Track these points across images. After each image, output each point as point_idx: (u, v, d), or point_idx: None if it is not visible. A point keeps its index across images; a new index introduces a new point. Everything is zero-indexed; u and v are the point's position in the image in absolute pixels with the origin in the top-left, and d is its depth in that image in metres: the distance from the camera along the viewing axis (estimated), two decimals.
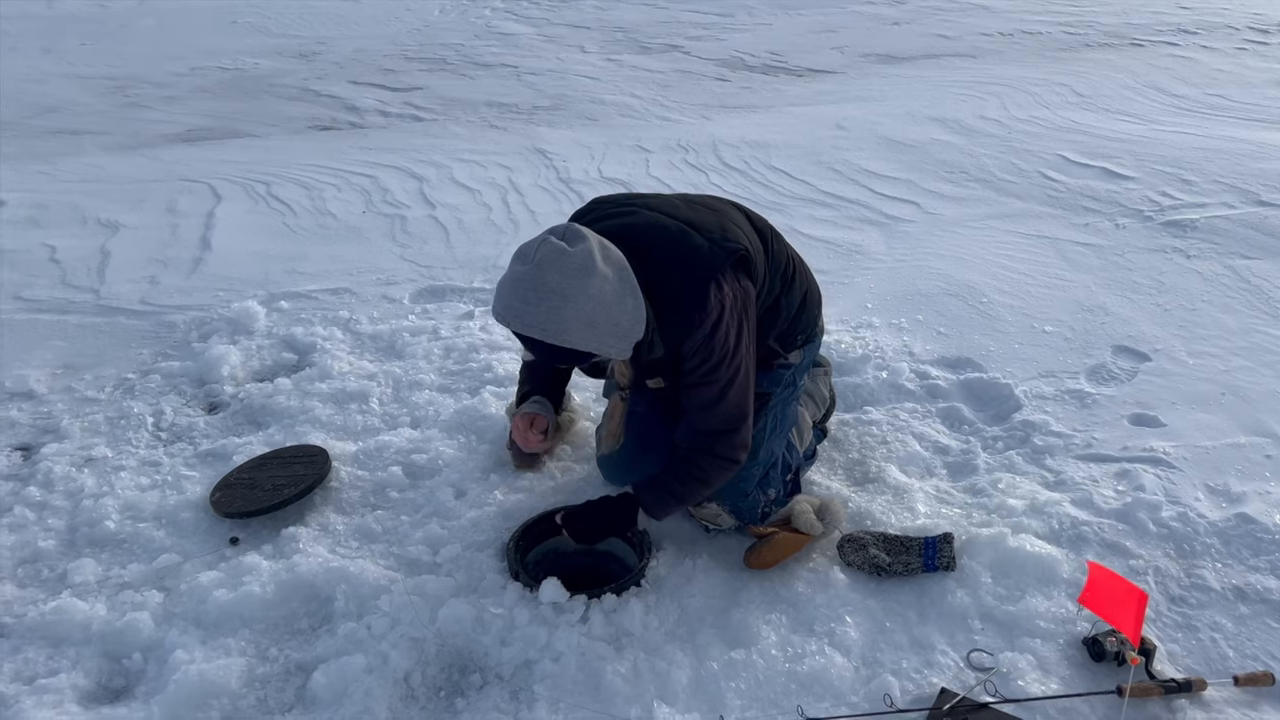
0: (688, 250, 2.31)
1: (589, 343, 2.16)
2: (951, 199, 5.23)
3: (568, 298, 2.10)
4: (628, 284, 2.20)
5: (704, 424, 2.43)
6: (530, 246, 2.14)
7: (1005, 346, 3.62)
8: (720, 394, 2.37)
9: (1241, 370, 3.43)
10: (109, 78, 8.73)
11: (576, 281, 2.10)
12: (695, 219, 2.40)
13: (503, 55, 9.32)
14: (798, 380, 2.77)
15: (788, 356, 2.70)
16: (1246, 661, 2.26)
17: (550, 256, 2.11)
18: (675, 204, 2.48)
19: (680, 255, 2.31)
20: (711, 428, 2.43)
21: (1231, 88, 7.28)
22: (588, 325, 2.13)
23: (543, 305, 2.10)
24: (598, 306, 2.13)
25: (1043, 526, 2.66)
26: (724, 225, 2.42)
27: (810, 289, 2.73)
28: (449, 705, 2.21)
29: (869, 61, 8.67)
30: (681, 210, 2.43)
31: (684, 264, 2.30)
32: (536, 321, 2.11)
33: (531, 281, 2.10)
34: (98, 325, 4.05)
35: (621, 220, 2.38)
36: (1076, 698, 2.14)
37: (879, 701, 2.13)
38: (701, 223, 2.39)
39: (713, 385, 2.36)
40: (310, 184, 5.78)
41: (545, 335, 2.12)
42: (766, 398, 2.64)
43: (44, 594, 2.56)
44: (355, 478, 2.98)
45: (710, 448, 2.45)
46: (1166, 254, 4.43)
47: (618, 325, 2.18)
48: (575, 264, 2.11)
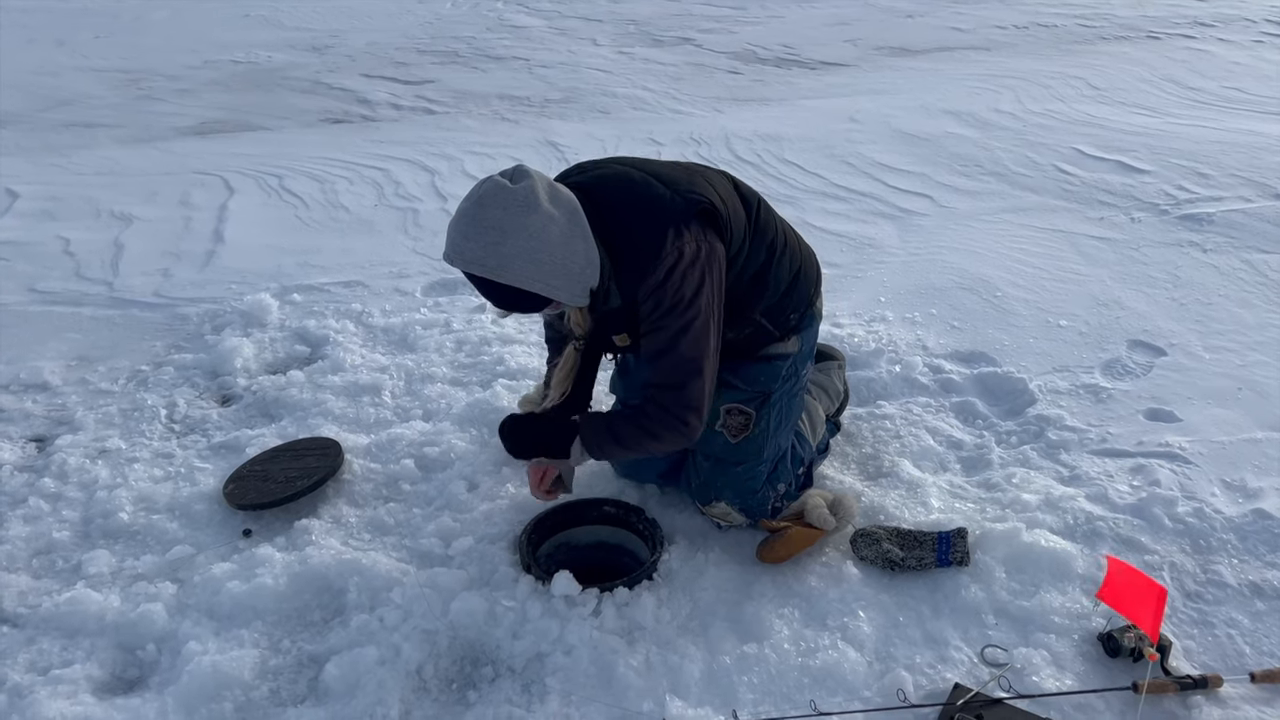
0: (648, 199, 2.28)
1: (533, 282, 2.12)
2: (965, 192, 5.21)
3: (506, 233, 2.07)
4: (578, 227, 2.17)
5: (654, 375, 2.35)
6: (476, 187, 2.13)
7: (1019, 341, 3.60)
8: (671, 341, 2.28)
9: (1258, 365, 3.40)
10: (122, 71, 8.76)
11: (517, 218, 2.07)
12: (664, 173, 2.36)
13: (514, 48, 9.31)
14: (799, 371, 2.69)
15: (785, 341, 2.62)
16: (1263, 658, 2.24)
17: (491, 192, 2.08)
18: (651, 162, 2.45)
19: (639, 203, 2.28)
20: (660, 380, 2.35)
21: (1248, 81, 7.22)
22: (530, 262, 2.10)
23: (481, 239, 2.07)
24: (540, 244, 2.09)
25: (1057, 522, 2.64)
26: (692, 180, 2.36)
27: (804, 266, 2.63)
28: (461, 697, 2.21)
29: (882, 54, 8.64)
30: (655, 165, 2.41)
31: (642, 211, 2.26)
32: (475, 256, 2.09)
33: (472, 217, 2.09)
34: (111, 318, 4.07)
35: (592, 174, 2.36)
36: (1091, 694, 2.12)
37: (892, 696, 2.12)
38: (669, 176, 2.35)
39: (663, 332, 2.29)
40: (322, 177, 5.78)
41: (485, 271, 2.10)
42: (767, 395, 2.59)
43: (58, 585, 2.57)
44: (368, 470, 2.98)
45: (656, 398, 2.36)
46: (1182, 248, 4.39)
47: (565, 267, 2.14)
48: (517, 200, 2.08)
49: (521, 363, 3.51)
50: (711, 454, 2.60)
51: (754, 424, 2.58)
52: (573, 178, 2.37)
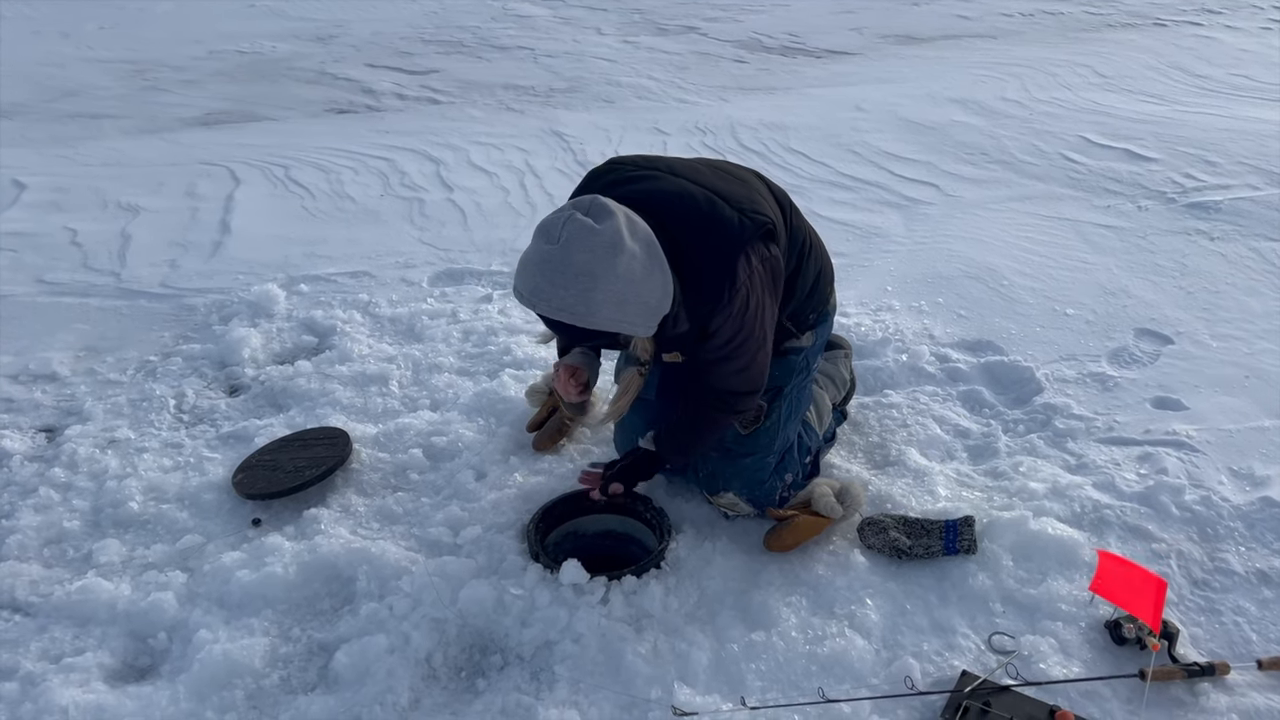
0: (717, 221, 2.21)
1: (618, 323, 2.07)
2: (972, 181, 5.20)
3: (597, 279, 2.00)
4: (655, 259, 2.10)
5: (727, 385, 2.41)
6: (555, 224, 2.03)
7: (1026, 329, 3.60)
8: (747, 365, 2.35)
9: (1266, 353, 3.40)
10: (128, 61, 8.75)
11: (606, 261, 2.00)
12: (723, 188, 2.30)
13: (519, 37, 9.30)
14: (810, 364, 2.73)
15: (800, 337, 2.64)
16: (1270, 645, 2.25)
17: (578, 235, 2.00)
18: (699, 169, 2.39)
19: (709, 226, 2.21)
20: (735, 388, 2.42)
21: (1256, 68, 7.19)
22: (618, 305, 2.04)
23: (572, 288, 2.00)
24: (627, 285, 2.03)
25: (1064, 510, 2.65)
26: (752, 196, 2.33)
27: (824, 266, 2.65)
28: (470, 685, 2.22)
29: (888, 43, 8.61)
30: (707, 176, 2.34)
31: (713, 235, 2.20)
32: (566, 304, 2.02)
33: (559, 262, 2.00)
34: (119, 308, 4.08)
35: (645, 185, 2.27)
36: (1098, 681, 2.13)
37: (900, 684, 2.13)
38: (730, 193, 2.29)
39: (739, 358, 2.33)
40: (328, 167, 5.79)
41: (574, 318, 2.03)
42: (780, 388, 2.61)
43: (70, 574, 2.59)
44: (376, 460, 2.99)
45: (732, 403, 2.45)
46: (1190, 236, 4.38)
47: (646, 303, 2.09)
48: (604, 242, 2.00)
49: (528, 352, 3.52)
50: (721, 444, 2.61)
51: (766, 416, 2.59)
52: (622, 186, 2.28)
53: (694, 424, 2.51)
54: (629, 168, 2.37)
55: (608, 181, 2.33)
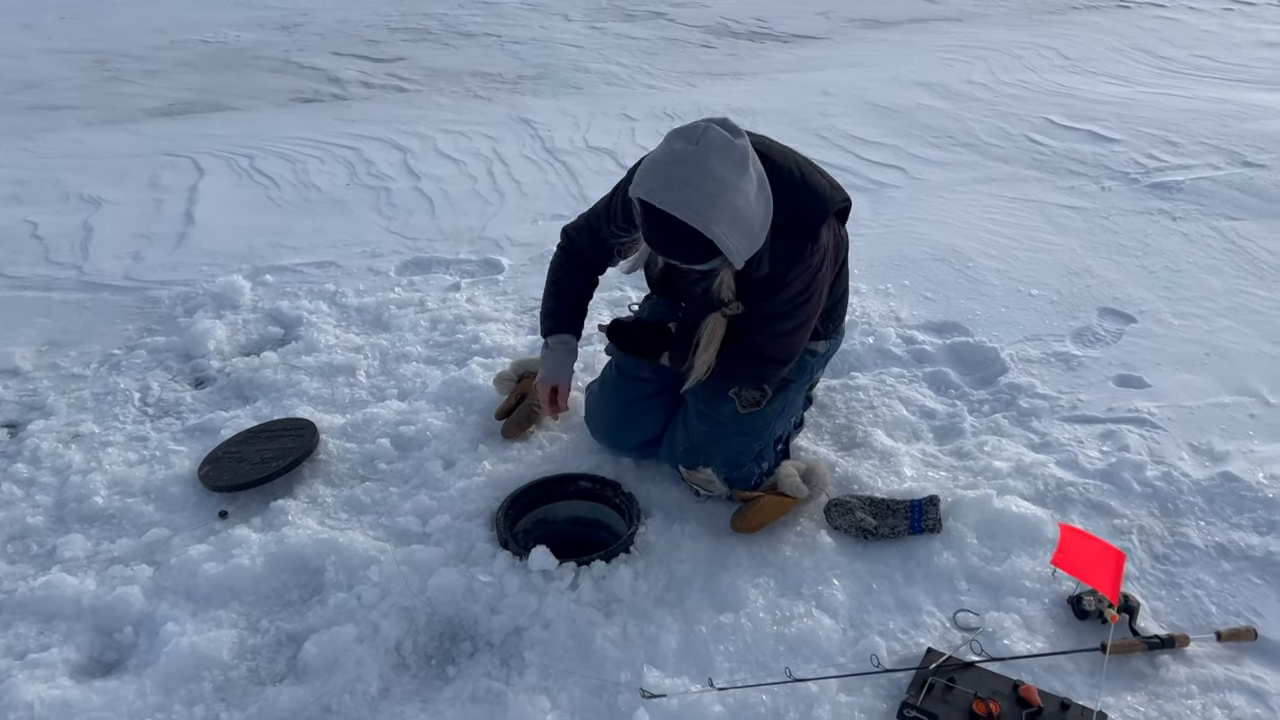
0: (810, 185, 2.33)
1: (727, 239, 2.11)
2: (937, 164, 5.23)
3: (726, 186, 2.06)
4: (765, 192, 2.20)
5: (769, 349, 2.46)
6: (693, 129, 2.10)
7: (991, 310, 3.63)
8: (796, 329, 2.42)
9: (1226, 330, 3.44)
10: (89, 52, 8.63)
11: (737, 172, 2.08)
12: (810, 162, 2.43)
13: (486, 24, 9.24)
14: (815, 373, 2.81)
15: (816, 344, 2.70)
16: (1229, 617, 2.29)
17: (718, 142, 2.07)
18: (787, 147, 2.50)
19: (804, 186, 2.32)
20: (772, 354, 2.47)
21: (1218, 49, 7.27)
22: (732, 220, 2.10)
23: (703, 188, 2.05)
24: (745, 204, 2.11)
25: (1028, 488, 2.68)
26: (833, 180, 2.46)
27: (848, 287, 2.76)
28: (440, 673, 2.22)
29: (855, 26, 8.63)
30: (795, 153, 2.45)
31: (806, 195, 2.31)
32: (691, 204, 2.06)
33: (695, 162, 2.05)
34: (82, 302, 4.03)
35: (754, 139, 2.32)
36: (1061, 655, 2.16)
37: (866, 662, 2.15)
38: (819, 169, 2.43)
39: (794, 319, 2.40)
40: (294, 157, 5.74)
41: (697, 220, 2.06)
42: (787, 383, 2.65)
43: (33, 569, 2.57)
44: (343, 450, 2.98)
45: (757, 368, 2.50)
46: (1152, 216, 4.43)
47: (751, 229, 2.16)
48: (739, 155, 2.09)
49: (496, 340, 3.51)
50: (715, 418, 2.62)
51: (768, 401, 2.61)
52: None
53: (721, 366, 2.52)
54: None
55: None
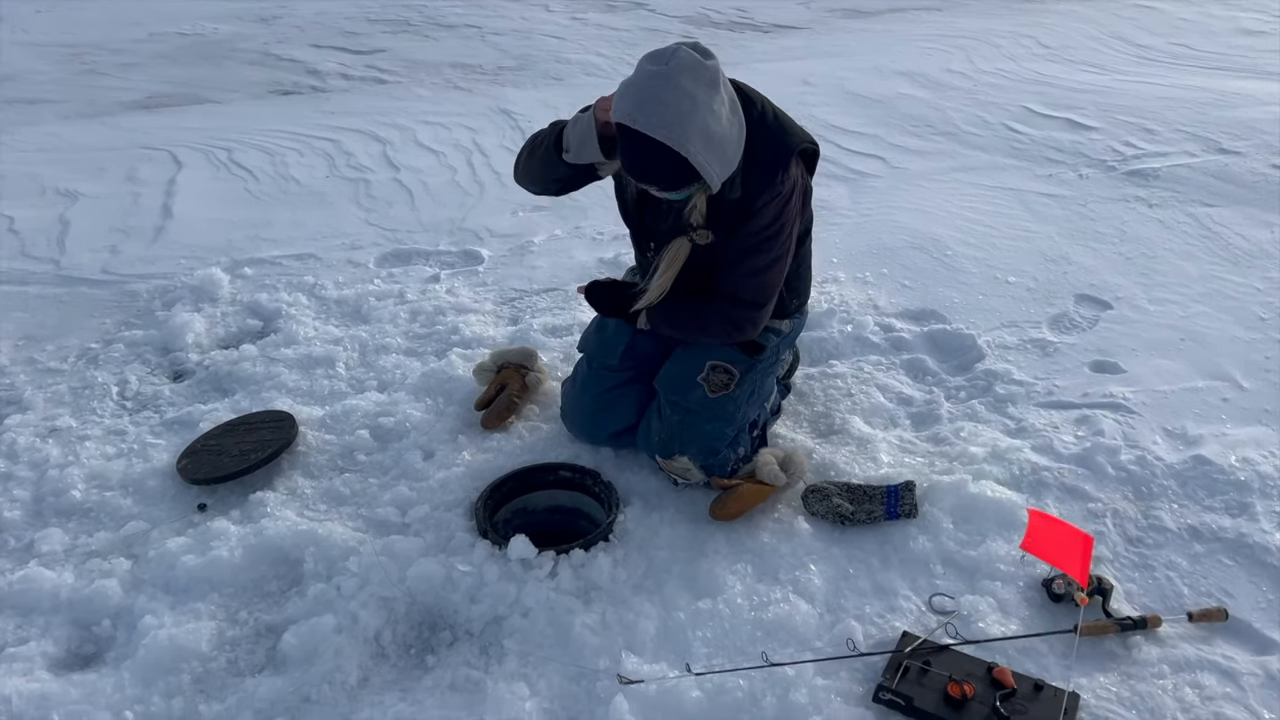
0: (780, 123, 2.39)
1: (700, 157, 2.15)
2: (917, 153, 5.24)
3: (698, 105, 2.11)
4: (737, 115, 2.25)
5: (740, 291, 2.48)
6: (664, 51, 2.14)
7: (969, 298, 3.65)
8: (767, 266, 2.44)
9: (1201, 316, 3.47)
10: (65, 45, 8.56)
11: (708, 92, 2.13)
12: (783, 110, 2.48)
13: (466, 15, 9.21)
14: (780, 353, 2.81)
15: (780, 323, 2.72)
16: (1201, 598, 2.31)
17: (688, 62, 2.12)
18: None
19: (775, 121, 2.38)
20: (746, 297, 2.49)
21: (1195, 37, 7.31)
22: (705, 140, 2.14)
23: (676, 107, 2.10)
24: (717, 124, 2.15)
25: (1003, 473, 2.70)
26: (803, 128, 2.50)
27: (811, 262, 2.77)
28: (420, 662, 2.23)
29: (835, 16, 8.64)
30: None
31: (777, 128, 2.37)
32: (665, 122, 2.10)
33: (667, 81, 2.10)
34: (59, 296, 4.01)
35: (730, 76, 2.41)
36: (1035, 637, 2.18)
37: (842, 646, 2.16)
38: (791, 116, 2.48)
39: (765, 254, 2.42)
40: (272, 149, 5.71)
41: (670, 138, 2.11)
42: (754, 365, 2.67)
43: (11, 564, 2.56)
44: (322, 442, 2.97)
45: (733, 312, 2.52)
46: (1129, 203, 4.46)
47: (724, 150, 2.20)
48: (709, 75, 2.14)
49: (476, 332, 3.51)
50: (685, 405, 2.64)
51: (736, 384, 2.62)
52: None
53: (689, 305, 2.56)
54: None
55: None
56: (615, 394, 2.79)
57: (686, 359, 2.68)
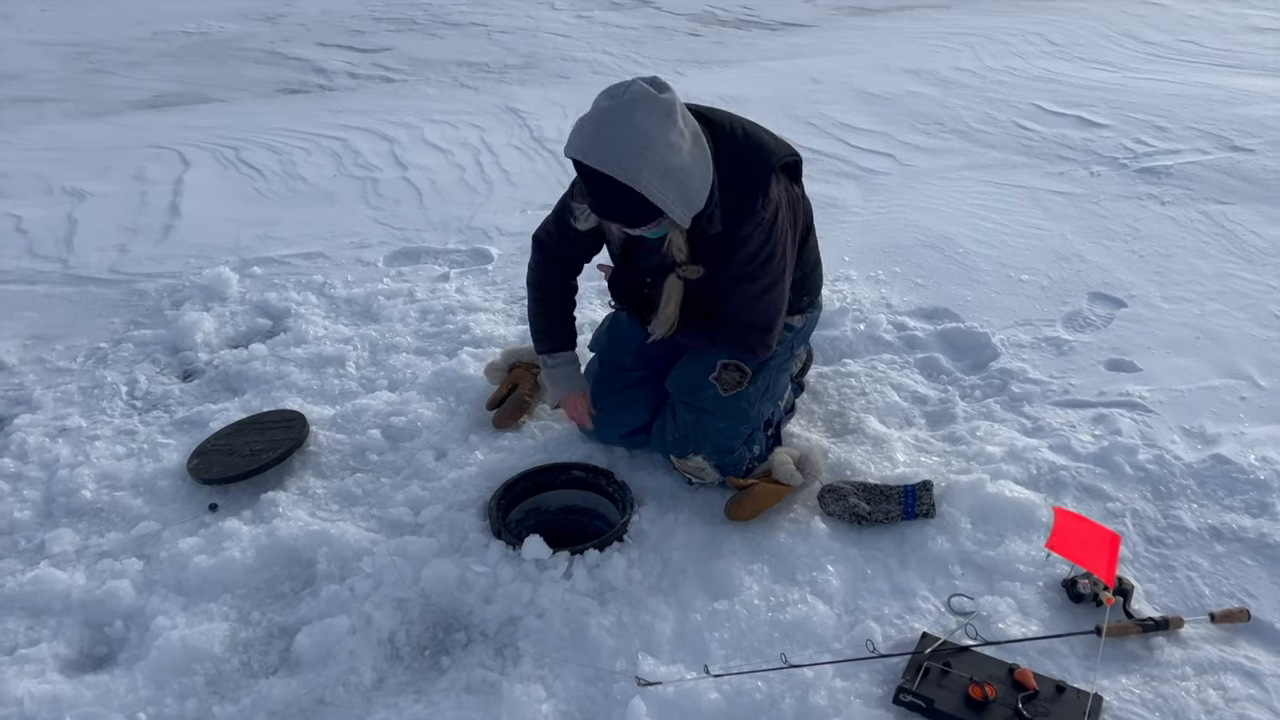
0: (755, 141, 2.35)
1: (659, 193, 2.10)
2: (927, 151, 5.22)
3: (651, 141, 2.06)
4: (700, 147, 2.19)
5: (744, 315, 2.47)
6: (619, 86, 2.11)
7: (982, 296, 3.62)
8: (764, 290, 2.40)
9: (1216, 314, 3.45)
10: (71, 44, 8.55)
11: (661, 126, 2.07)
12: (760, 125, 2.44)
13: (472, 14, 9.19)
14: (794, 348, 2.78)
15: (791, 318, 2.68)
16: (1222, 599, 2.29)
17: (641, 96, 2.08)
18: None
19: (749, 142, 2.34)
20: (748, 320, 2.47)
21: (1204, 34, 7.28)
22: (662, 175, 2.09)
23: (627, 143, 2.06)
24: (674, 159, 2.10)
25: (1021, 472, 2.68)
26: (779, 138, 2.47)
27: (819, 259, 2.74)
28: (434, 664, 2.21)
29: (842, 14, 8.61)
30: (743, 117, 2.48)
31: (751, 150, 2.33)
32: (617, 158, 2.06)
33: (619, 117, 2.06)
34: (67, 295, 4.00)
35: (696, 105, 2.37)
36: (1056, 638, 2.16)
37: (861, 647, 2.14)
38: (766, 129, 2.44)
39: (760, 280, 2.38)
40: (280, 148, 5.69)
41: (623, 173, 2.07)
42: (766, 362, 2.63)
43: (22, 565, 2.54)
44: (334, 441, 2.96)
45: (744, 337, 2.50)
46: (1141, 201, 4.44)
47: (686, 185, 2.16)
48: (663, 109, 2.09)
49: (486, 330, 3.49)
50: (698, 405, 2.62)
51: (749, 382, 2.60)
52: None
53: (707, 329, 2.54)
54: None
55: None
56: (628, 394, 2.77)
57: (698, 358, 2.66)
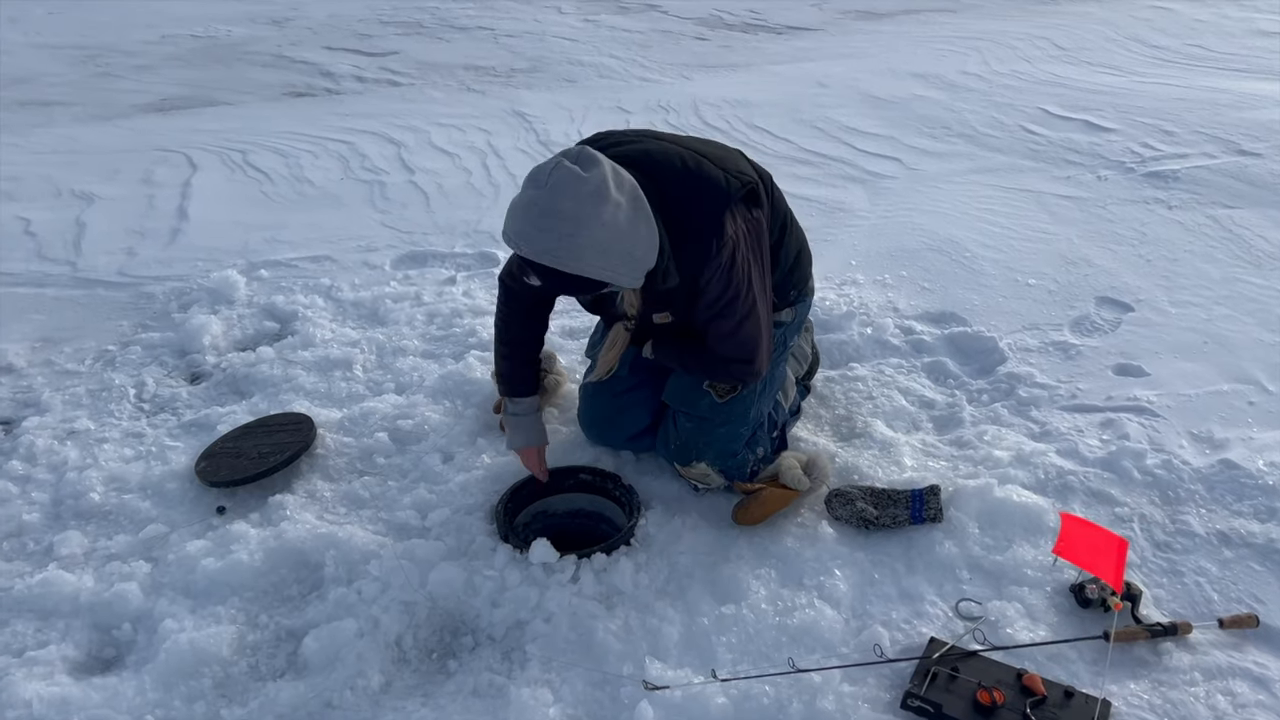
0: (703, 178, 2.28)
1: (602, 271, 2.09)
2: (934, 155, 5.22)
3: (581, 224, 2.03)
4: (641, 211, 2.15)
5: (723, 350, 2.45)
6: (543, 170, 2.06)
7: (989, 300, 3.62)
8: (737, 326, 2.37)
9: (1223, 318, 3.44)
10: (79, 47, 8.58)
11: (590, 207, 2.04)
12: (708, 151, 2.39)
13: (479, 17, 9.21)
14: (788, 340, 2.76)
15: (779, 313, 2.68)
16: (1231, 604, 2.28)
17: (565, 181, 2.03)
18: (685, 138, 2.48)
19: (696, 183, 2.28)
20: (729, 355, 2.45)
21: (1211, 38, 7.27)
22: (601, 253, 2.07)
23: (556, 231, 2.03)
24: (611, 234, 2.07)
25: (1029, 477, 2.67)
26: (736, 161, 2.42)
27: (803, 246, 2.71)
28: (441, 667, 2.21)
29: (849, 18, 8.61)
30: (693, 143, 2.43)
31: (699, 191, 2.27)
32: (548, 247, 2.05)
33: (545, 206, 2.03)
34: (75, 298, 4.01)
35: (634, 147, 2.33)
36: (1064, 644, 2.16)
37: (869, 652, 2.14)
38: (715, 155, 2.38)
39: (730, 318, 2.36)
40: (287, 151, 5.71)
41: (558, 262, 2.06)
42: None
43: (30, 567, 2.55)
44: (341, 444, 2.96)
45: (730, 369, 2.50)
46: (1148, 205, 4.43)
47: (630, 253, 2.13)
48: (589, 189, 2.04)
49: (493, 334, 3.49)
50: (696, 414, 2.61)
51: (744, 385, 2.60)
52: (613, 149, 2.32)
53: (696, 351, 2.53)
54: (618, 134, 2.44)
55: (598, 147, 2.35)
56: (627, 398, 2.76)
57: None
